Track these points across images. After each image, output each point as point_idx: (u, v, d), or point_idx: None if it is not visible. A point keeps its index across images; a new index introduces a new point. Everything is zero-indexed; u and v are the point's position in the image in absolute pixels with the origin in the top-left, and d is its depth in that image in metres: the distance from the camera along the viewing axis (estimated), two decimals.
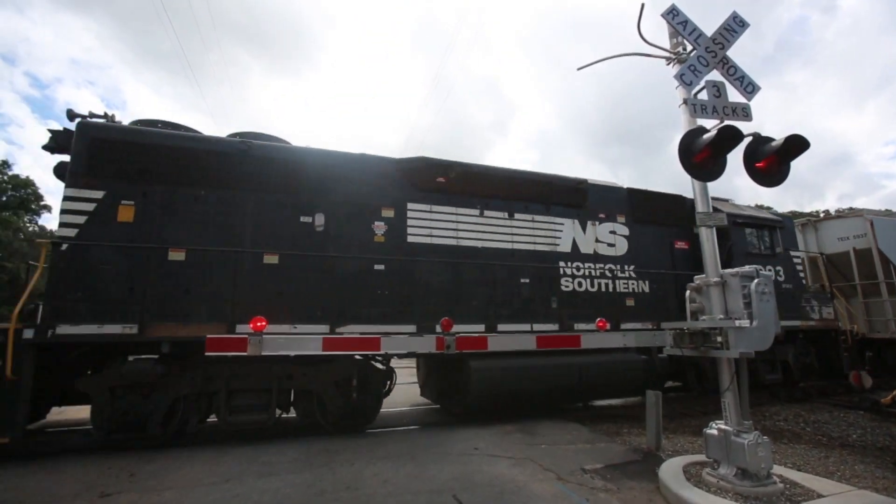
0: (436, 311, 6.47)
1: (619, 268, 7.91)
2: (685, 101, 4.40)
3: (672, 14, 4.58)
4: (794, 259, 9.43)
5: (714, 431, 4.06)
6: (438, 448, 5.39)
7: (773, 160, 4.10)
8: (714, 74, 4.46)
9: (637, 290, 7.95)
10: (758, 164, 4.13)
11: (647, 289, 8.03)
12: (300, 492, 4.01)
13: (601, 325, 7.22)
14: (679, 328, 4.53)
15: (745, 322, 3.93)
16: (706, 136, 4.00)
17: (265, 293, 5.80)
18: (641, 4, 4.50)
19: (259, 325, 5.43)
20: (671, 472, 4.17)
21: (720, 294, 4.22)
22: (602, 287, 7.70)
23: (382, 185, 6.72)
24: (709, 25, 4.58)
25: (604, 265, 7.80)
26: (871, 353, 10.88)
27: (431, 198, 6.94)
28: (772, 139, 4.14)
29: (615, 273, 7.86)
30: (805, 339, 9.33)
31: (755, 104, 4.46)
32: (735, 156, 4.15)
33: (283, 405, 6.10)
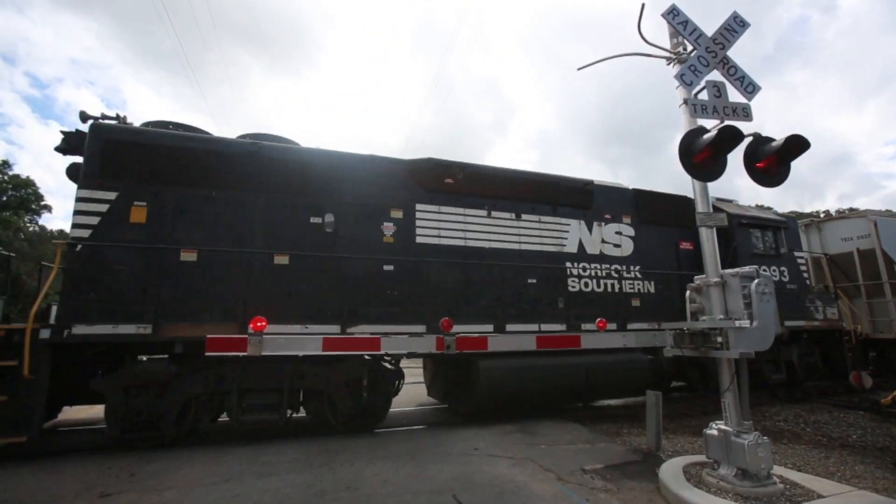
0: (445, 312, 6.50)
1: (625, 268, 7.94)
2: (685, 101, 4.40)
3: (672, 14, 4.58)
4: (798, 260, 9.45)
5: (714, 432, 4.06)
6: (438, 448, 5.39)
7: (774, 160, 4.10)
8: (714, 74, 4.46)
9: (643, 291, 7.97)
10: (758, 165, 4.13)
11: (653, 289, 8.04)
12: (300, 492, 4.01)
13: (601, 326, 7.24)
14: (679, 328, 4.53)
15: (746, 322, 3.93)
16: (706, 137, 4.00)
17: (276, 293, 5.83)
18: (642, 4, 4.50)
19: (259, 326, 5.43)
20: (671, 473, 4.17)
21: (720, 294, 4.22)
22: (608, 287, 7.73)
23: (391, 186, 6.74)
24: (709, 25, 4.59)
25: (610, 266, 7.83)
26: (875, 354, 10.90)
27: (439, 198, 6.96)
28: (772, 139, 4.14)
29: (621, 273, 7.88)
30: (809, 340, 9.36)
31: (755, 104, 4.47)
32: (735, 156, 4.16)
33: (294, 405, 6.12)
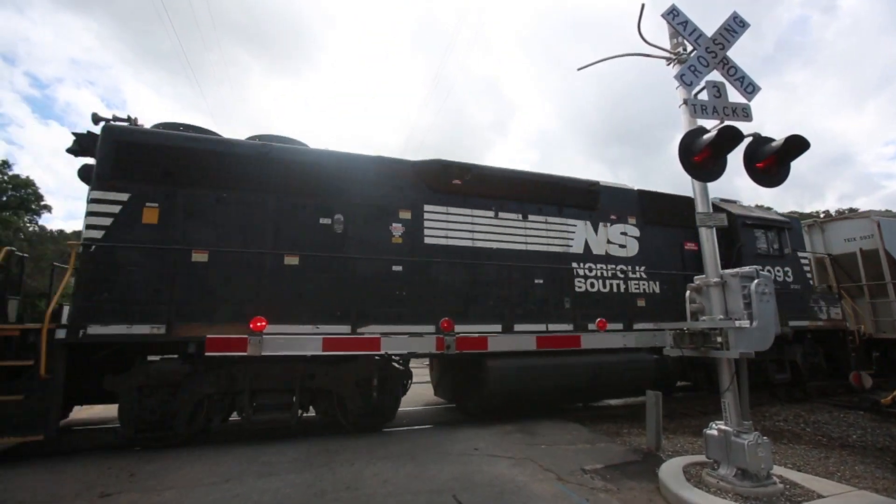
0: (454, 312, 6.54)
1: (631, 269, 7.97)
2: (685, 102, 4.40)
3: (672, 14, 4.58)
4: (802, 260, 9.48)
5: (714, 432, 4.06)
6: (438, 448, 5.39)
7: (774, 160, 4.10)
8: (714, 75, 4.47)
9: (648, 291, 8.00)
10: (758, 165, 4.13)
11: (658, 289, 8.07)
12: (300, 492, 4.01)
13: (601, 326, 7.25)
14: (679, 329, 4.53)
15: (745, 322, 3.94)
16: (706, 137, 4.00)
17: (286, 294, 5.86)
18: (642, 5, 4.51)
19: (259, 326, 5.44)
20: (671, 473, 4.17)
21: (720, 294, 4.23)
22: (614, 288, 7.76)
23: (399, 187, 6.78)
24: (709, 26, 4.59)
25: (615, 266, 7.86)
26: (878, 354, 10.93)
27: (447, 199, 7.00)
28: (772, 139, 4.14)
29: (627, 274, 7.91)
30: (813, 340, 9.40)
31: (755, 104, 4.47)
32: (735, 156, 4.16)
33: (304, 404, 6.14)
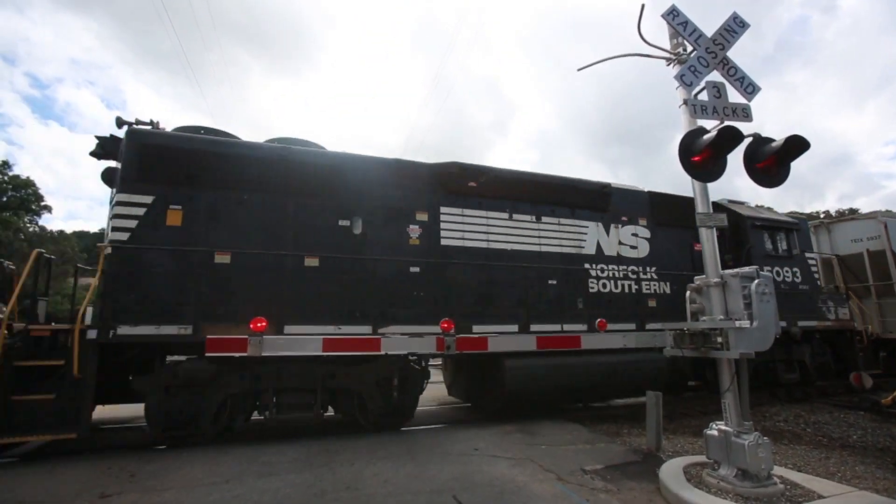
0: (470, 312, 6.65)
1: (642, 269, 8.04)
2: (685, 102, 4.40)
3: (672, 15, 4.58)
4: (810, 261, 9.52)
5: (714, 432, 4.06)
6: (438, 448, 5.39)
7: (774, 161, 4.10)
8: (714, 75, 4.47)
9: (659, 292, 8.05)
10: (758, 165, 4.13)
11: (669, 290, 8.10)
12: (300, 492, 4.01)
13: (601, 326, 7.28)
14: (679, 329, 4.53)
15: (746, 323, 3.93)
16: (706, 137, 4.00)
17: (307, 295, 5.92)
18: (642, 5, 4.51)
19: (259, 326, 5.46)
20: (671, 473, 4.17)
21: (720, 295, 4.22)
22: (626, 288, 7.83)
23: (416, 190, 6.85)
24: (709, 26, 4.59)
25: (627, 267, 7.93)
26: (885, 354, 10.96)
27: (463, 201, 7.07)
28: (772, 140, 4.14)
29: (638, 275, 7.98)
30: (821, 340, 9.44)
31: (755, 104, 4.47)
32: (735, 156, 4.16)
33: (325, 404, 6.20)
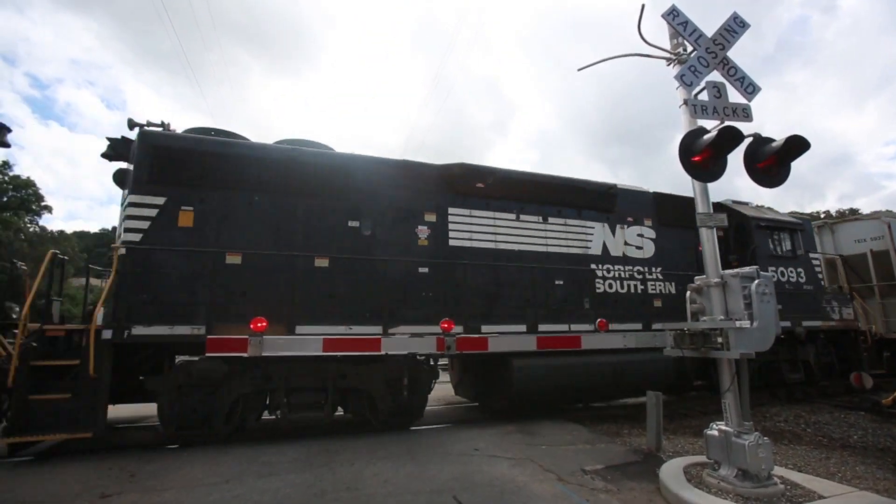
0: (479, 313, 6.70)
1: (647, 270, 8.08)
2: (685, 102, 4.40)
3: (672, 15, 4.58)
4: (814, 261, 9.54)
5: (714, 432, 4.06)
6: (439, 448, 5.39)
7: (774, 161, 4.10)
8: (714, 75, 4.46)
9: (664, 292, 8.09)
10: (758, 165, 4.13)
11: (674, 290, 8.13)
12: (300, 492, 4.01)
13: (602, 326, 7.29)
14: (679, 329, 4.53)
15: (746, 323, 3.93)
16: (707, 137, 4.00)
17: (317, 295, 5.98)
18: (642, 5, 4.50)
19: (259, 326, 5.46)
20: (672, 473, 4.17)
21: (720, 295, 4.22)
22: (631, 288, 7.88)
23: (425, 191, 6.90)
24: (709, 26, 4.59)
25: (633, 267, 7.98)
26: (889, 354, 10.97)
27: (471, 202, 7.12)
28: (772, 140, 4.14)
29: (644, 275, 8.02)
30: (825, 340, 9.46)
31: (755, 104, 4.47)
32: (735, 156, 4.16)
33: (336, 403, 6.24)
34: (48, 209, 32.30)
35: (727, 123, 4.04)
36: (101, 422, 5.05)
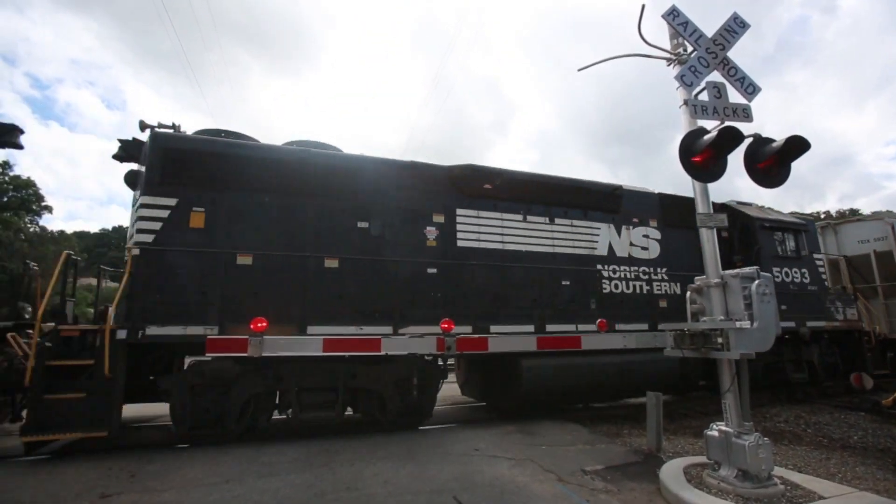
0: (487, 313, 6.74)
1: (653, 270, 8.11)
2: (686, 102, 4.40)
3: (672, 15, 4.58)
4: (817, 261, 9.57)
5: (715, 433, 4.06)
6: (439, 448, 5.39)
7: (774, 161, 4.10)
8: (714, 75, 4.47)
9: (670, 292, 8.11)
10: (759, 165, 4.13)
11: (679, 290, 8.14)
12: (300, 492, 4.01)
13: (602, 326, 7.29)
14: (679, 329, 4.53)
15: (746, 323, 3.93)
16: (707, 137, 4.00)
17: (328, 296, 6.02)
18: (642, 5, 4.51)
19: (259, 326, 5.46)
20: (672, 474, 4.17)
21: (721, 295, 4.22)
22: (637, 289, 7.91)
23: (433, 192, 6.94)
24: (709, 26, 4.59)
25: (638, 268, 8.01)
26: (893, 354, 10.97)
27: (478, 203, 7.15)
28: (772, 140, 4.14)
29: (649, 275, 8.06)
30: (829, 340, 9.49)
31: (755, 104, 4.47)
32: (735, 157, 4.16)
33: (346, 403, 6.26)
34: (48, 209, 32.31)
35: (727, 124, 4.04)
36: (116, 421, 5.12)
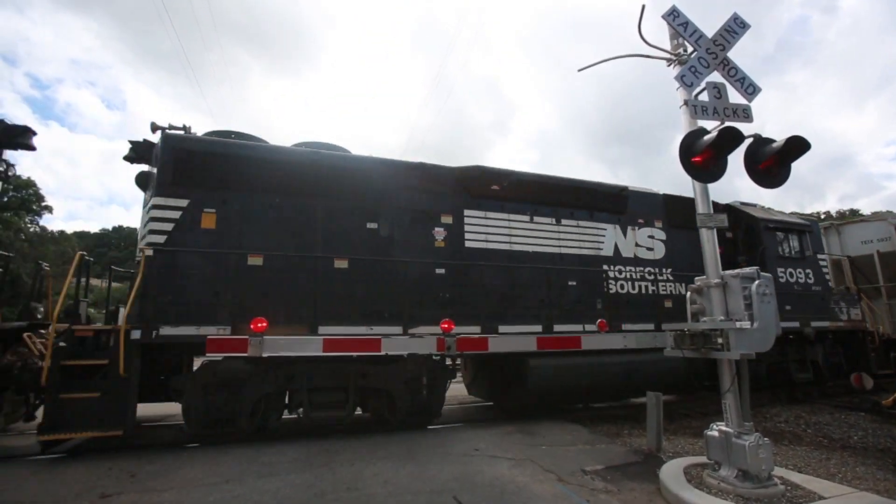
0: (496, 313, 6.78)
1: (658, 271, 8.14)
2: (686, 103, 4.40)
3: (673, 15, 4.58)
4: (821, 262, 9.59)
5: (715, 433, 4.06)
6: (439, 448, 5.39)
7: (774, 161, 4.10)
8: (715, 76, 4.47)
9: (674, 293, 8.14)
10: (759, 166, 4.13)
11: (684, 291, 8.12)
12: (300, 492, 4.01)
13: (602, 326, 7.29)
14: (680, 329, 4.53)
15: (746, 323, 3.93)
16: (707, 138, 4.01)
17: (338, 296, 6.05)
18: (642, 6, 4.51)
19: (259, 327, 5.46)
20: (672, 474, 4.17)
21: (721, 295, 4.22)
22: (643, 289, 7.95)
23: (441, 193, 6.99)
24: (709, 26, 4.58)
25: (644, 268, 8.05)
26: (895, 354, 10.95)
27: (486, 205, 7.21)
28: (772, 140, 4.14)
29: (655, 276, 8.09)
30: (833, 340, 9.51)
31: (755, 104, 4.47)
32: (735, 157, 4.16)
33: (356, 402, 6.28)
34: (48, 209, 32.33)
35: (727, 124, 4.04)
36: (131, 420, 5.17)
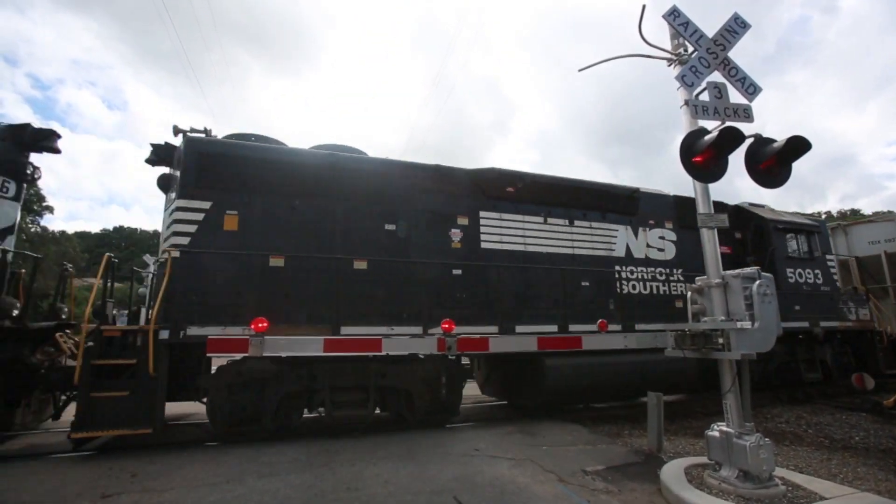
0: (511, 313, 6.86)
1: (669, 271, 8.22)
2: (686, 103, 4.40)
3: (673, 15, 4.58)
4: (829, 262, 9.61)
5: (716, 433, 4.05)
6: (439, 449, 5.39)
7: (775, 161, 4.10)
8: (715, 75, 4.47)
9: (685, 293, 8.11)
10: (760, 166, 4.13)
11: None
12: (300, 492, 4.01)
13: (602, 326, 7.30)
14: (680, 330, 4.52)
15: (747, 323, 3.92)
16: (708, 138, 4.00)
17: (358, 297, 6.11)
18: (642, 6, 4.50)
19: (260, 327, 5.46)
20: (672, 474, 4.16)
21: (721, 295, 4.22)
22: (654, 290, 8.02)
23: (457, 195, 7.08)
24: (710, 26, 4.59)
25: (655, 269, 8.13)
26: None
27: (501, 206, 7.30)
28: (773, 140, 4.14)
29: (666, 276, 8.16)
30: (842, 340, 9.56)
31: (756, 105, 4.47)
32: (736, 157, 4.16)
33: (376, 401, 6.33)
34: (49, 209, 32.36)
35: (728, 124, 4.04)
36: (160, 419, 5.26)
